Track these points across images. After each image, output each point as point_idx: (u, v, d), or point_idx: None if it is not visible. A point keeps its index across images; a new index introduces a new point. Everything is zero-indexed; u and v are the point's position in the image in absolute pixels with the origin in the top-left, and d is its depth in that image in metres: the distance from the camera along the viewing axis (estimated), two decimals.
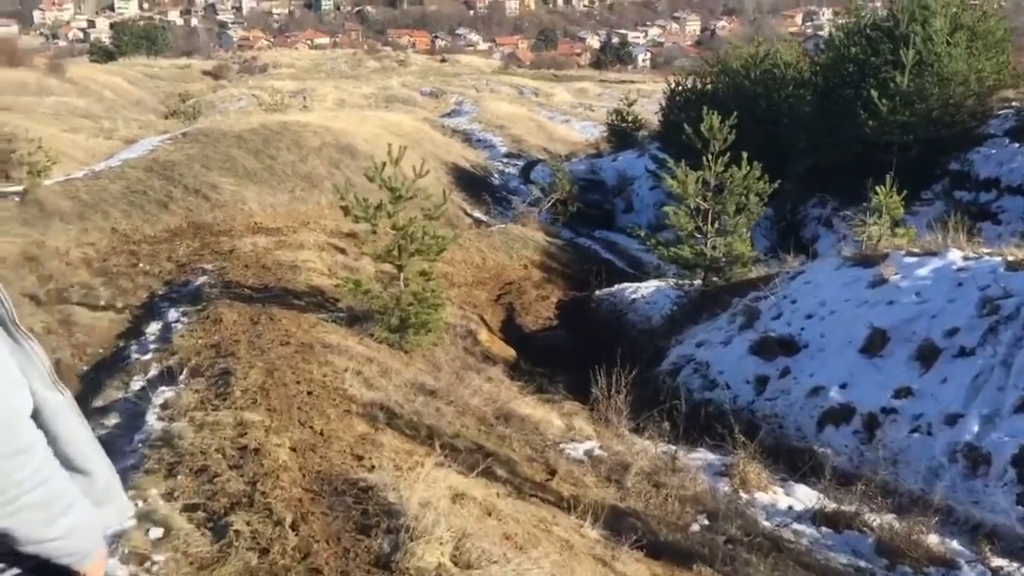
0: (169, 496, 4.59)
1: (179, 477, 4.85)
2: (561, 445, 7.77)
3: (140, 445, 5.65)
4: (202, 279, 12.14)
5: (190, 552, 3.74)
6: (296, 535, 3.93)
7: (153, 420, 6.28)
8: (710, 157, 13.60)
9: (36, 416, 1.90)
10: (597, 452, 7.73)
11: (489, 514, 4.92)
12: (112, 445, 6.18)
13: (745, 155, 13.39)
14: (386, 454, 5.84)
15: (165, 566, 3.61)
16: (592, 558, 4.92)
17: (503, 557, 3.96)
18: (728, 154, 13.55)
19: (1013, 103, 21.56)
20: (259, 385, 6.91)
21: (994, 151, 20.52)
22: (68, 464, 2.00)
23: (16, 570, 1.98)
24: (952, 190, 20.50)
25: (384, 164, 9.85)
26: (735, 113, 13.97)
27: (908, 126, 20.89)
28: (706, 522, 6.75)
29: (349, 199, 9.92)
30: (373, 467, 5.39)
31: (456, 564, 3.80)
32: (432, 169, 10.13)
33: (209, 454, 5.16)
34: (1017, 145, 20.22)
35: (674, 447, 8.23)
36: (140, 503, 4.45)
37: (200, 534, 3.99)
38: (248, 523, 4.02)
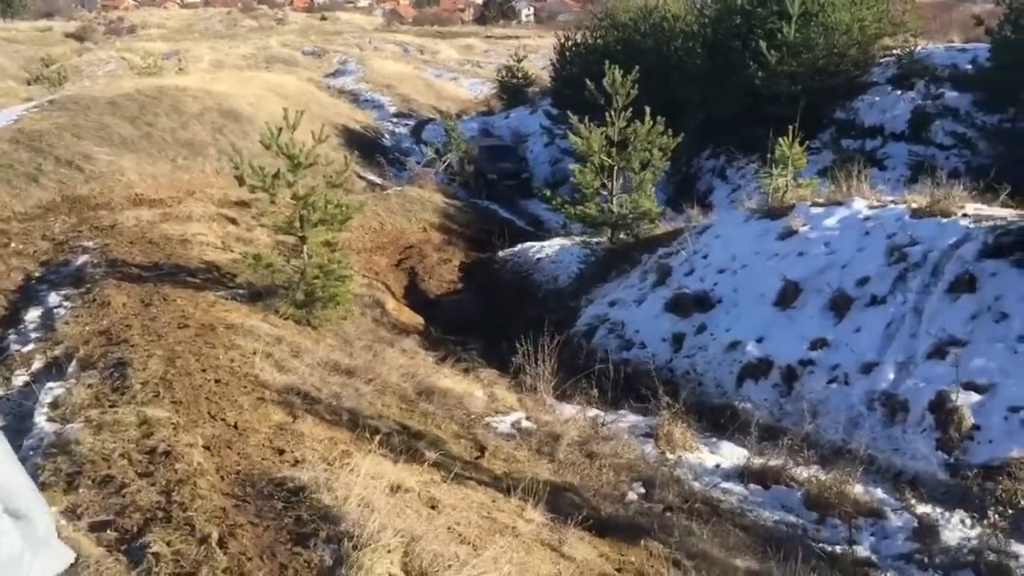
0: (72, 514, 4.04)
1: (81, 490, 4.30)
2: (487, 419, 7.47)
3: (31, 453, 5.04)
4: (83, 258, 11.27)
5: None
6: (225, 553, 3.49)
7: (43, 422, 5.65)
8: (612, 113, 13.38)
9: None
10: (525, 424, 7.47)
11: (432, 507, 4.59)
12: None
13: (648, 109, 13.23)
14: (308, 444, 5.41)
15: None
16: (542, 545, 4.66)
17: (457, 559, 3.63)
18: (631, 109, 13.36)
19: (894, 51, 22.10)
20: (160, 376, 6.34)
21: (877, 98, 21.03)
22: (9, 512, 1.68)
23: None
24: (839, 139, 20.95)
25: (280, 130, 9.23)
26: (635, 68, 13.75)
27: (795, 76, 21.20)
28: (642, 490, 6.58)
29: (244, 168, 9.27)
30: (297, 461, 4.97)
31: (408, 573, 3.46)
32: (312, 135, 9.54)
33: (113, 460, 4.62)
34: (899, 92, 20.77)
35: (602, 413, 8.04)
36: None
37: (113, 559, 3.47)
38: (168, 543, 3.56)
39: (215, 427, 5.42)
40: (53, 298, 9.71)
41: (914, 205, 10.17)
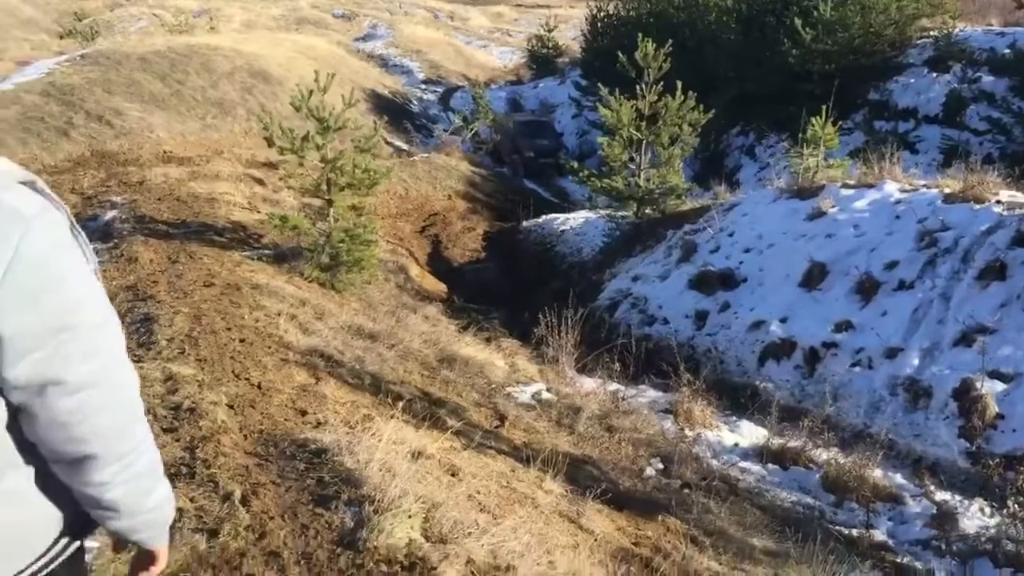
0: None
1: None
2: (507, 388, 7.48)
3: None
4: (112, 213, 11.33)
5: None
6: (248, 511, 3.52)
7: None
8: (643, 86, 13.26)
9: None
10: (545, 395, 7.47)
11: (453, 475, 4.61)
12: None
13: (680, 84, 13.09)
14: (331, 407, 5.44)
15: (100, 555, 3.17)
16: (560, 516, 4.67)
17: (477, 527, 3.65)
18: (662, 83, 13.23)
19: (931, 32, 21.73)
20: (186, 333, 6.39)
21: (912, 80, 20.72)
22: None
23: (77, 543, 1.72)
24: (872, 120, 20.68)
25: (310, 92, 9.21)
26: (667, 42, 13.59)
27: (830, 55, 20.95)
28: (660, 466, 6.59)
29: (273, 129, 9.26)
30: (320, 423, 5.00)
31: (428, 539, 3.47)
32: (342, 99, 9.51)
33: None
34: (935, 75, 20.44)
35: (622, 388, 8.04)
36: None
37: None
38: (192, 499, 3.59)
39: (239, 386, 5.46)
40: None
41: (947, 190, 10.03)
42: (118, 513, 1.65)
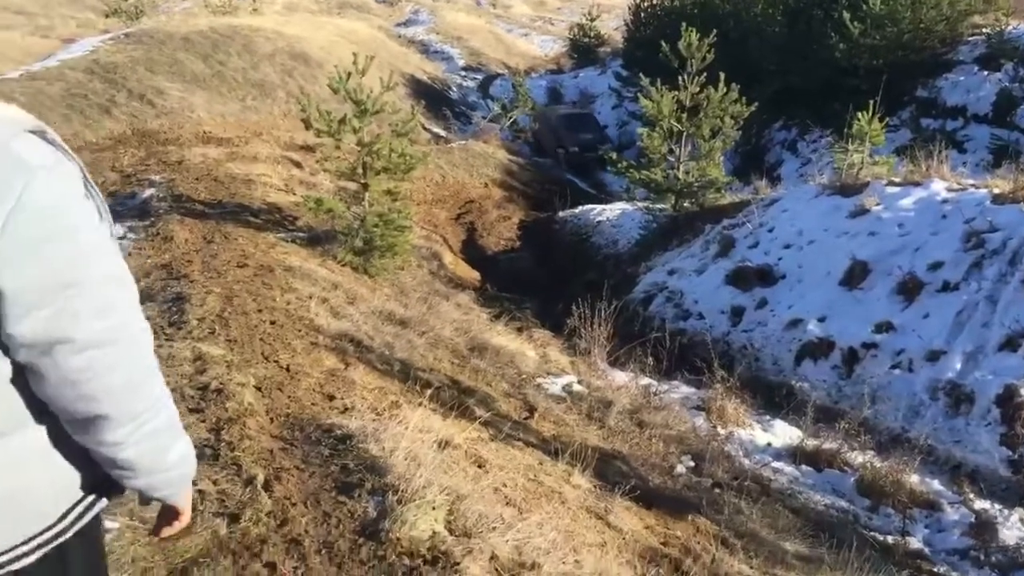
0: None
1: None
2: (538, 379, 7.39)
3: None
4: (150, 191, 11.39)
5: (147, 517, 3.23)
6: (270, 497, 3.45)
7: None
8: (686, 77, 13.05)
9: None
10: (576, 387, 7.37)
11: (479, 466, 4.52)
12: None
13: (723, 75, 12.87)
14: (358, 393, 5.38)
15: (120, 536, 3.12)
16: (587, 513, 4.57)
17: (502, 521, 3.56)
18: (705, 74, 13.02)
19: (984, 29, 21.20)
20: (217, 313, 6.36)
21: (962, 78, 20.23)
22: None
23: (93, 512, 1.67)
24: (919, 117, 20.25)
25: (349, 74, 9.14)
26: (713, 32, 13.36)
27: (878, 50, 20.56)
28: (692, 464, 6.46)
29: (311, 111, 9.22)
30: (347, 409, 4.93)
31: (452, 532, 3.38)
32: (380, 81, 9.44)
33: None
34: (986, 73, 19.94)
35: (654, 382, 7.91)
36: None
37: None
38: (215, 482, 3.53)
39: (267, 368, 5.41)
40: (118, 229, 9.81)
41: (996, 190, 9.74)
42: (135, 472, 1.61)
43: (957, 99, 20.05)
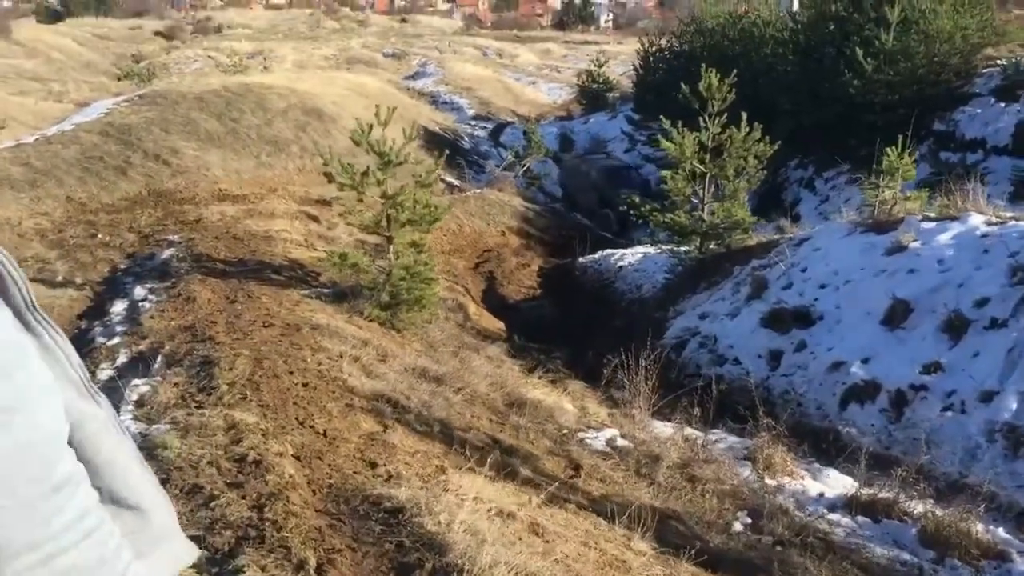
0: None
1: None
2: (579, 434, 7.09)
3: None
4: (169, 252, 11.23)
5: None
6: None
7: (129, 421, 5.46)
8: (706, 118, 12.89)
9: (69, 438, 1.15)
10: (620, 442, 7.06)
11: (538, 535, 4.22)
12: None
13: (744, 115, 12.71)
14: (400, 458, 5.10)
15: None
16: None
17: None
18: (725, 115, 12.87)
19: (998, 61, 21.10)
20: (247, 377, 6.11)
21: (979, 111, 20.07)
22: (114, 500, 1.27)
23: None
24: (938, 151, 20.06)
25: (370, 127, 8.99)
26: (733, 71, 13.23)
27: (893, 85, 20.48)
28: (748, 520, 6.13)
29: (333, 165, 9.05)
30: (391, 476, 4.66)
31: None
32: (403, 132, 9.30)
33: (201, 468, 4.36)
34: (1003, 104, 19.78)
35: (700, 433, 7.59)
36: None
37: None
38: (262, 567, 3.25)
39: (304, 435, 5.15)
40: (139, 291, 9.64)
41: None
42: None
43: (975, 132, 19.88)
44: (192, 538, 3.22)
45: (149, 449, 4.69)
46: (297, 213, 14.72)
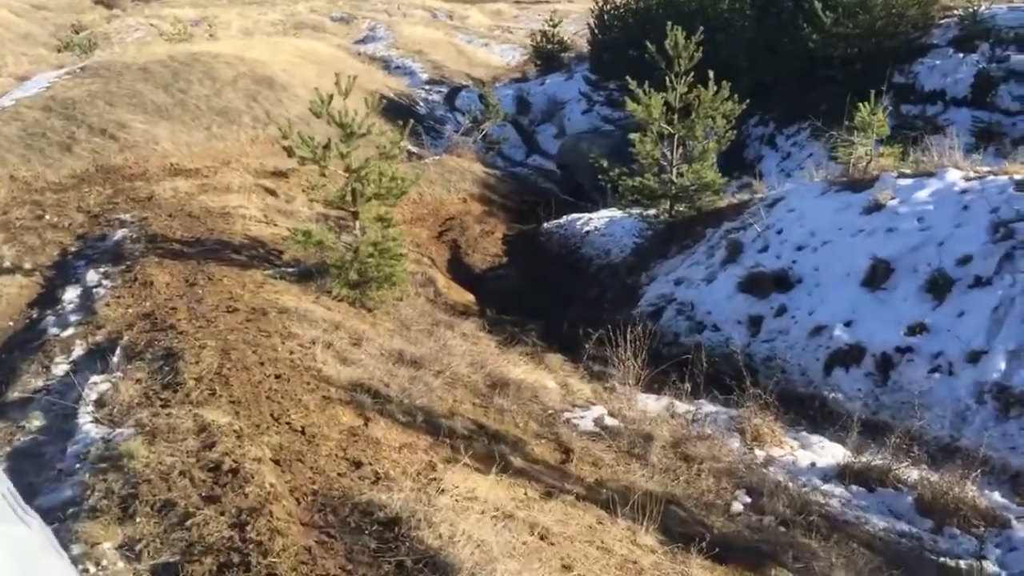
0: (130, 551, 3.41)
1: (138, 519, 3.66)
2: (565, 414, 6.81)
3: (78, 467, 4.42)
4: (121, 232, 10.67)
5: None
6: None
7: (89, 424, 5.05)
8: (673, 78, 12.54)
9: None
10: (609, 421, 6.80)
11: (542, 537, 3.93)
12: (39, 460, 4.98)
13: (712, 74, 12.40)
14: (386, 454, 4.78)
15: None
16: None
17: None
18: (692, 74, 12.53)
19: (955, 11, 20.99)
20: (215, 370, 5.71)
21: (938, 62, 19.95)
22: None
23: None
24: (899, 104, 19.96)
25: (331, 97, 8.52)
26: (700, 29, 12.87)
27: (851, 38, 20.32)
28: (747, 499, 5.91)
29: (292, 137, 8.57)
30: (379, 477, 4.33)
31: None
32: (356, 99, 8.85)
33: (172, 480, 3.99)
34: (961, 55, 19.67)
35: (688, 407, 7.35)
36: (92, 568, 3.28)
37: None
38: None
39: (281, 434, 4.79)
40: (92, 276, 9.13)
41: (1017, 176, 9.31)
42: None
43: (935, 83, 19.78)
44: (166, 567, 2.84)
45: (114, 459, 4.31)
46: (253, 187, 14.15)
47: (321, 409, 5.35)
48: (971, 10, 20.15)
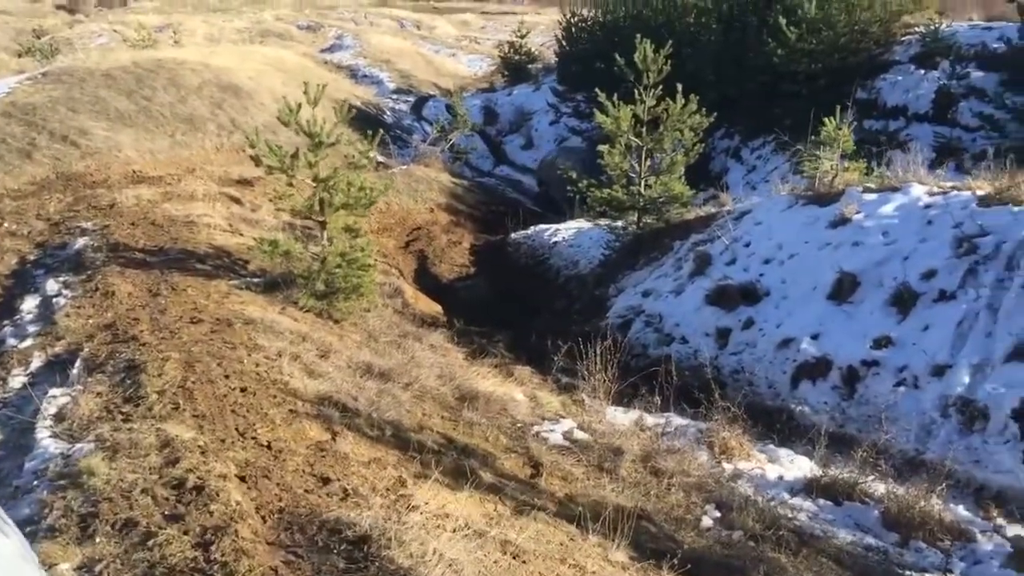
0: (89, 572, 3.28)
1: (98, 539, 3.56)
2: (535, 428, 6.76)
3: (36, 484, 4.30)
4: (82, 240, 10.47)
5: None
6: None
7: (47, 440, 4.91)
8: (642, 90, 12.60)
9: None
10: (578, 434, 6.76)
11: (515, 556, 3.88)
12: None
13: (680, 87, 12.47)
14: (354, 469, 4.70)
15: None
16: None
17: None
18: (661, 87, 12.60)
19: (917, 28, 21.35)
20: (179, 383, 5.59)
21: (900, 78, 20.28)
22: None
23: None
24: (861, 119, 20.22)
25: (299, 106, 8.43)
26: (669, 43, 12.96)
27: (815, 54, 20.59)
28: (717, 514, 5.90)
29: (260, 146, 8.46)
30: (347, 494, 4.25)
31: None
32: (324, 107, 8.78)
33: (134, 498, 3.88)
34: (923, 71, 20.01)
35: (658, 420, 7.34)
36: None
37: None
38: None
39: (246, 449, 4.69)
40: (51, 285, 8.93)
41: (980, 192, 9.45)
42: None
43: (897, 99, 20.10)
44: None
45: (73, 476, 4.19)
46: (218, 195, 13.97)
47: (288, 423, 5.26)
48: (932, 27, 20.51)
